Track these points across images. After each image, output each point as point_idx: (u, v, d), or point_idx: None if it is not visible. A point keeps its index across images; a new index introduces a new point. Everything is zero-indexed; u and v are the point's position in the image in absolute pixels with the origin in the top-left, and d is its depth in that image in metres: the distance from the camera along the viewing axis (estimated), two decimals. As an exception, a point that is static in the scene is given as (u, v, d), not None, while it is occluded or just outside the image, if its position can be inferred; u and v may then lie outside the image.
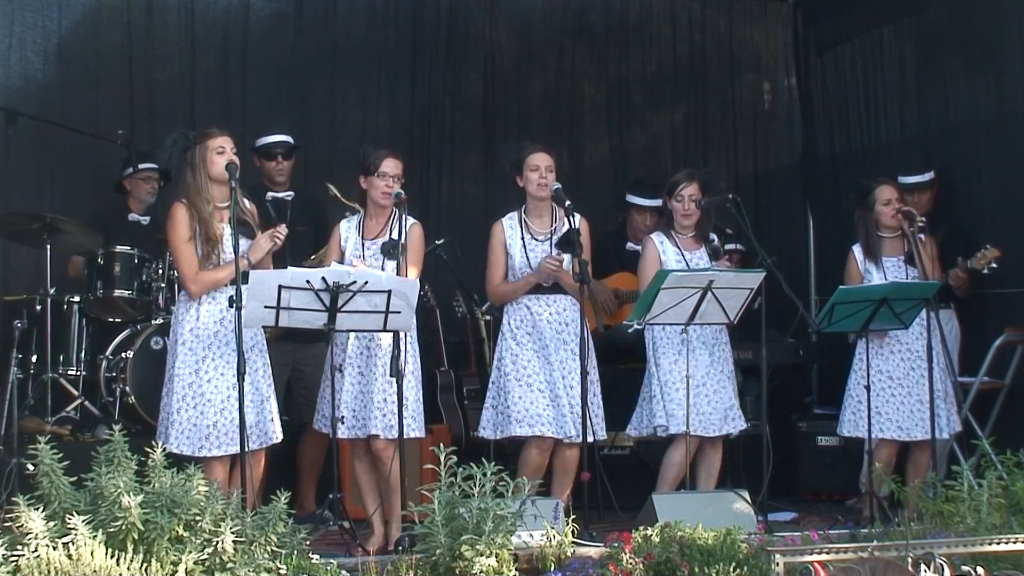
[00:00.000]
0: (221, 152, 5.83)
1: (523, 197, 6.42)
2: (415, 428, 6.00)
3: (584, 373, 6.13)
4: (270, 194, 7.08)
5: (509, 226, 6.41)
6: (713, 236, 6.69)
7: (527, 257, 6.34)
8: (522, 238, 6.37)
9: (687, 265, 6.51)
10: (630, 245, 7.78)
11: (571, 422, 6.21)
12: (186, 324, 5.79)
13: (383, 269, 5.99)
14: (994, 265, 6.87)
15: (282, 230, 5.91)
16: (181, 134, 5.90)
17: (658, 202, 7.68)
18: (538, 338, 6.31)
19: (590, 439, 6.15)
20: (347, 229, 6.22)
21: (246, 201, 5.96)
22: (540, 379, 6.26)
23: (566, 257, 6.25)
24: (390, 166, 6.13)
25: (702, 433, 6.43)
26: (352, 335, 5.99)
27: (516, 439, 6.30)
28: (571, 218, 6.21)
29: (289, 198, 7.14)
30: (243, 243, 5.80)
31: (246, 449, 5.58)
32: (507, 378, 6.28)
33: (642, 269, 6.64)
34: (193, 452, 5.65)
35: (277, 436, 5.89)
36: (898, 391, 6.68)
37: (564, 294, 6.34)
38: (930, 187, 7.53)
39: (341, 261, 6.10)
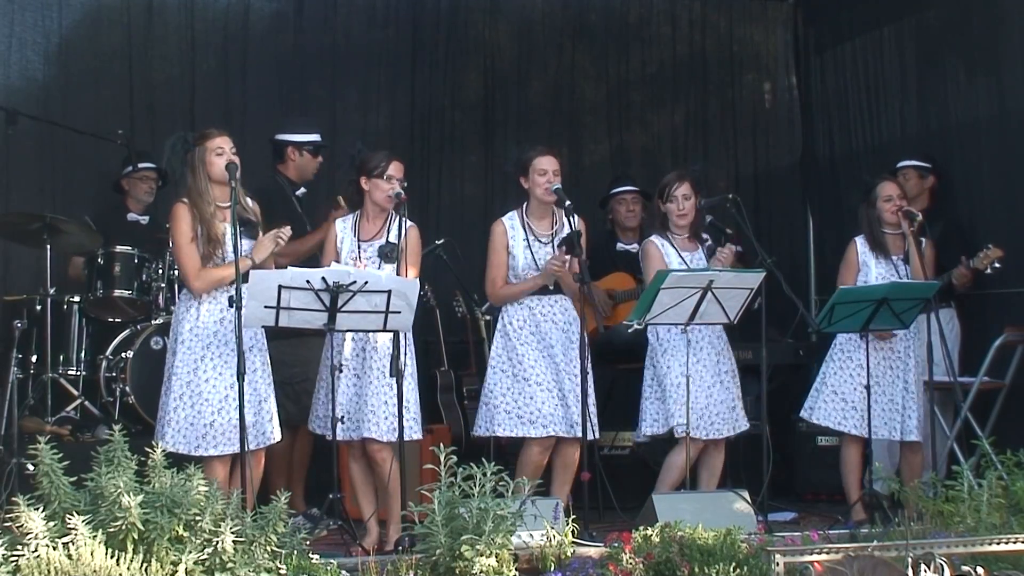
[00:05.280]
0: (220, 153, 5.82)
1: (526, 197, 6.42)
2: (414, 430, 6.00)
3: (584, 373, 6.14)
4: (303, 190, 7.09)
5: (511, 226, 6.38)
6: (706, 236, 6.68)
7: (533, 258, 6.33)
8: (526, 239, 6.37)
9: (687, 267, 6.50)
10: (620, 245, 7.79)
11: (575, 419, 6.20)
12: (186, 323, 5.79)
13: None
14: (997, 265, 6.86)
15: (285, 232, 5.87)
16: (180, 137, 5.91)
17: (634, 187, 7.69)
18: (542, 338, 6.29)
19: (590, 437, 6.15)
20: (343, 229, 6.19)
21: (248, 200, 5.95)
22: (548, 379, 6.24)
23: (566, 258, 6.26)
24: (395, 169, 6.12)
25: (712, 436, 6.43)
26: (348, 336, 5.99)
27: (527, 439, 6.26)
28: (571, 219, 6.22)
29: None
30: (246, 243, 5.81)
31: (246, 449, 5.59)
32: (514, 378, 6.26)
33: (647, 272, 6.58)
34: (189, 451, 5.65)
35: (276, 436, 5.90)
36: (872, 388, 6.64)
37: (564, 294, 6.35)
38: (923, 176, 7.52)
39: (338, 260, 6.09)
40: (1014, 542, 4.81)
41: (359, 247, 6.12)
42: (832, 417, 6.68)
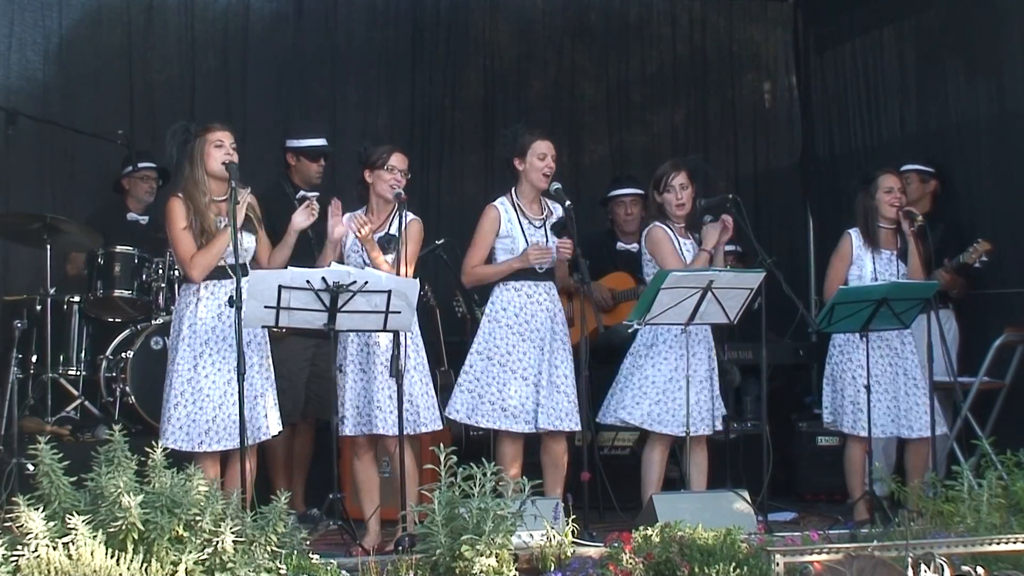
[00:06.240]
0: (219, 145, 5.83)
1: (517, 180, 6.38)
2: (431, 421, 6.04)
3: (581, 372, 6.13)
4: (303, 192, 7.09)
5: (504, 210, 6.34)
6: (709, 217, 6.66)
7: (527, 243, 6.28)
8: (520, 223, 6.34)
9: (682, 254, 6.49)
10: (620, 245, 7.78)
11: (555, 414, 6.17)
12: (186, 320, 5.80)
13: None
14: (985, 259, 6.85)
15: (315, 204, 5.98)
16: (182, 126, 5.92)
17: (633, 189, 7.69)
18: (531, 326, 6.24)
19: (575, 430, 6.17)
20: (349, 224, 6.19)
21: (248, 195, 5.94)
22: (532, 370, 6.20)
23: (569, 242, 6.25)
24: (398, 160, 6.13)
25: (672, 432, 6.43)
26: (352, 334, 5.99)
27: (500, 431, 6.24)
28: (567, 212, 6.24)
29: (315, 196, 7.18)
30: (246, 239, 5.82)
31: (245, 447, 5.59)
32: (495, 364, 6.21)
33: (661, 256, 6.48)
34: (192, 448, 5.66)
35: (270, 432, 5.90)
36: (874, 388, 6.61)
37: (556, 282, 6.33)
38: (924, 180, 7.52)
39: (341, 258, 6.09)
40: (1014, 542, 4.81)
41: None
42: (844, 420, 6.68)
